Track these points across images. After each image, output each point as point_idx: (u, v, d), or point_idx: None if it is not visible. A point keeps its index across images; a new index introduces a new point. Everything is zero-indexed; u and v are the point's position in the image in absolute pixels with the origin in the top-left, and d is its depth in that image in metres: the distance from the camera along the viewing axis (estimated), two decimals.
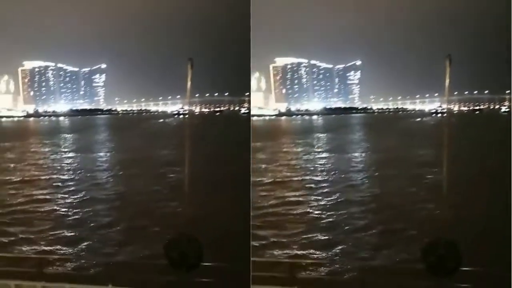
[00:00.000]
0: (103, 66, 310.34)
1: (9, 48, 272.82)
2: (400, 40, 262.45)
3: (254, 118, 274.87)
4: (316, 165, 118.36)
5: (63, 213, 71.64)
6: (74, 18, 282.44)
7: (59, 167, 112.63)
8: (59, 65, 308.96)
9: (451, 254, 44.81)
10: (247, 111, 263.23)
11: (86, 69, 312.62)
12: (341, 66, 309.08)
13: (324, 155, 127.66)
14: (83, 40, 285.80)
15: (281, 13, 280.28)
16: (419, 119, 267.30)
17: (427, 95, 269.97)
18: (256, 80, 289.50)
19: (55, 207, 74.07)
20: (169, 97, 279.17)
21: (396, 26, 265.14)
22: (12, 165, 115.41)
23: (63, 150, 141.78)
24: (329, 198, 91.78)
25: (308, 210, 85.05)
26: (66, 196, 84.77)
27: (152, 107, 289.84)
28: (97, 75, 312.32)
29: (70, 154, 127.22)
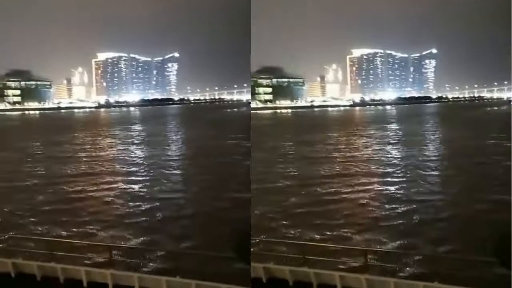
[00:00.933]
0: (176, 55, 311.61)
1: (83, 40, 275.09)
2: (477, 27, 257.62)
3: (329, 109, 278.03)
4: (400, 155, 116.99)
5: None
6: (145, 9, 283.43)
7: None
8: (132, 55, 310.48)
9: None
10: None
11: (159, 59, 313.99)
12: (416, 55, 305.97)
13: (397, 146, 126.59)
14: (155, 30, 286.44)
15: (356, 4, 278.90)
16: (496, 108, 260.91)
17: (506, 82, 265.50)
18: (333, 71, 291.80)
19: None
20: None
21: (472, 13, 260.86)
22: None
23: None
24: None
25: None
26: None
27: (226, 96, 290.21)
28: (170, 64, 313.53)
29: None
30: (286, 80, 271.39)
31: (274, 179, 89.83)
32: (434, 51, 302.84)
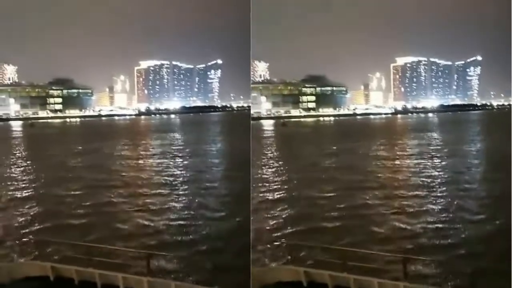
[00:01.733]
0: (219, 62, 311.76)
1: (125, 49, 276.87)
2: None
3: (371, 116, 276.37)
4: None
5: None
6: (187, 17, 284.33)
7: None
8: (174, 62, 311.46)
9: None
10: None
11: (201, 66, 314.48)
12: (461, 62, 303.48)
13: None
14: (197, 37, 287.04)
15: (398, 13, 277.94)
16: None
17: None
18: (376, 79, 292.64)
19: None
20: None
21: None
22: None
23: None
24: None
25: None
26: None
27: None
28: (212, 71, 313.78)
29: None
30: (329, 88, 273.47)
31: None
32: (479, 58, 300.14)
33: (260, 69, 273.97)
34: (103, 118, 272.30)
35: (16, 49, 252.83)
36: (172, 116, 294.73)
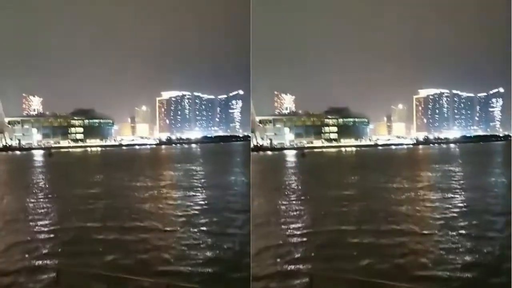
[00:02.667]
0: (241, 92, 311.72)
1: (148, 80, 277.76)
2: None
3: (393, 147, 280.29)
4: None
5: None
6: (207, 49, 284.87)
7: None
8: (196, 93, 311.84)
9: None
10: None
11: (223, 96, 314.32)
12: (483, 94, 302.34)
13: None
14: (219, 68, 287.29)
15: (421, 46, 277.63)
16: None
17: None
18: (399, 111, 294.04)
19: None
20: None
21: None
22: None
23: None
24: None
25: None
26: None
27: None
28: (234, 102, 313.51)
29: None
30: (351, 119, 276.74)
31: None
32: (501, 90, 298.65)
33: (287, 102, 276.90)
34: (124, 147, 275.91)
35: (42, 82, 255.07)
36: (194, 145, 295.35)
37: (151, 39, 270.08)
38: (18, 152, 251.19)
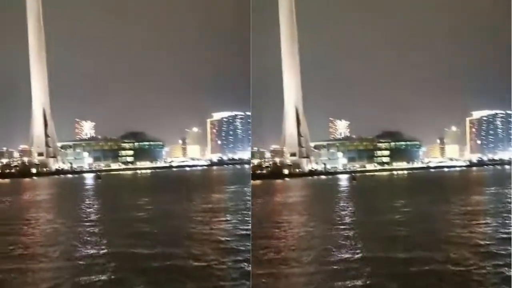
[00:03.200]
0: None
1: (199, 102, 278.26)
2: None
3: (445, 169, 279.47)
4: None
5: None
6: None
7: None
8: (248, 113, 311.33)
9: None
10: None
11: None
12: None
13: None
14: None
15: (474, 67, 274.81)
16: None
17: None
18: (452, 133, 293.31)
19: None
20: None
21: None
22: None
23: None
24: None
25: None
26: None
27: None
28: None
29: None
30: (403, 143, 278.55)
31: None
32: None
33: (341, 127, 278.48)
34: (174, 169, 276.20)
35: (94, 107, 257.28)
36: (246, 166, 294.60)
37: (202, 61, 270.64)
38: (70, 175, 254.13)
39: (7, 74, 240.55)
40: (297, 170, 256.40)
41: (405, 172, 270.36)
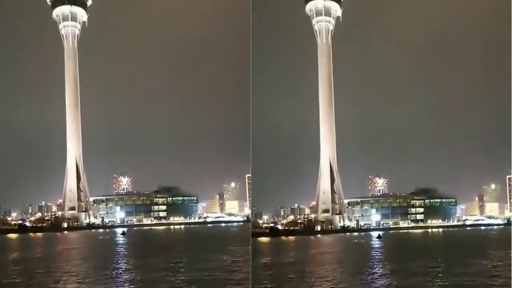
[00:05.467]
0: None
1: (234, 158, 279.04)
2: None
3: (482, 227, 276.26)
4: None
5: None
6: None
7: None
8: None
9: None
10: None
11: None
12: None
13: None
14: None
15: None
16: None
17: None
18: (492, 191, 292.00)
19: None
20: None
21: None
22: None
23: None
24: None
25: None
26: None
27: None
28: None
29: None
30: (438, 200, 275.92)
31: None
32: None
33: (379, 184, 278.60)
34: (209, 224, 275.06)
35: (131, 163, 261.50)
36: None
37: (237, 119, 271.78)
38: (101, 230, 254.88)
39: (45, 131, 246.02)
40: (330, 226, 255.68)
41: (440, 229, 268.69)
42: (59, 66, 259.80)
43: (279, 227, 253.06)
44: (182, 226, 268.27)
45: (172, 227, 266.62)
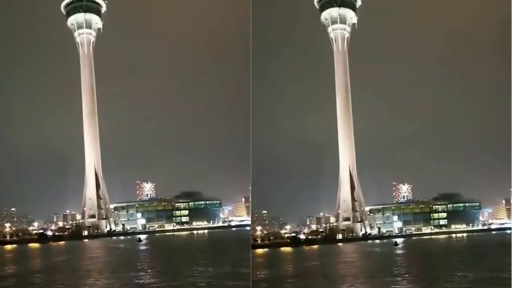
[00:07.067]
0: None
1: None
2: None
3: (508, 231, 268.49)
4: None
5: None
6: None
7: None
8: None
9: None
10: None
11: None
12: None
13: None
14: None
15: None
16: None
17: None
18: None
19: None
20: None
21: None
22: None
23: None
24: None
25: None
26: None
27: None
28: None
29: None
30: (461, 204, 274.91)
31: None
32: None
33: (403, 190, 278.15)
34: (233, 228, 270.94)
35: (154, 169, 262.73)
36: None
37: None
38: (122, 237, 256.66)
39: (65, 139, 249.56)
40: (351, 234, 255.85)
41: (464, 234, 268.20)
42: (75, 74, 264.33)
43: (301, 236, 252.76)
44: (206, 231, 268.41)
45: (195, 232, 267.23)
